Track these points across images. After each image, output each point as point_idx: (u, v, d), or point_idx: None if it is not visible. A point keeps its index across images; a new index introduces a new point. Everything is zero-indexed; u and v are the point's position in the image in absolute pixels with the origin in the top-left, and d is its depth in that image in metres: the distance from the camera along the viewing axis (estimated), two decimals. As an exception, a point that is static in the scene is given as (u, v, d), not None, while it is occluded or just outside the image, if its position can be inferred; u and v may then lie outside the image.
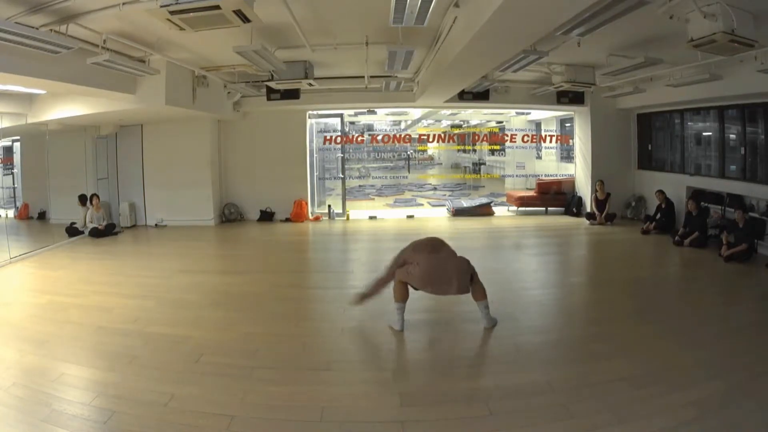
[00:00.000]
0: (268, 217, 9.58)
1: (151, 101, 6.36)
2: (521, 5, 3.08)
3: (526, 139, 10.64)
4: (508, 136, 11.07)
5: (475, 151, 14.94)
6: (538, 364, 3.33)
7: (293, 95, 7.72)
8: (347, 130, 10.59)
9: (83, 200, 8.10)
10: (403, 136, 11.40)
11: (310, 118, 9.76)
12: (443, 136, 11.78)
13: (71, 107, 7.02)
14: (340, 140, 9.99)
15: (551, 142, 10.76)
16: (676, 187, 7.89)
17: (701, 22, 3.81)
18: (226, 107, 8.59)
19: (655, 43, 5.33)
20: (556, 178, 10.34)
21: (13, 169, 9.25)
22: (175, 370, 3.20)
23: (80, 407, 2.69)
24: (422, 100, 8.35)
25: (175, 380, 3.03)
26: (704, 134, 7.98)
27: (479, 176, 15.05)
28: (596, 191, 8.85)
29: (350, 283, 5.48)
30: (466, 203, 10.33)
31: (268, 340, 3.69)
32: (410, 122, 13.91)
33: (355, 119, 12.29)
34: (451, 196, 13.07)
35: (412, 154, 12.66)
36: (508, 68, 5.96)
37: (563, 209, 9.95)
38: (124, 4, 3.75)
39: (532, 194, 10.29)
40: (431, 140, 11.74)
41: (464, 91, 8.03)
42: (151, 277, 5.57)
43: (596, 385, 2.91)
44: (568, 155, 10.66)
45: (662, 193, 7.84)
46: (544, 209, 10.06)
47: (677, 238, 6.88)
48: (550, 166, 11.07)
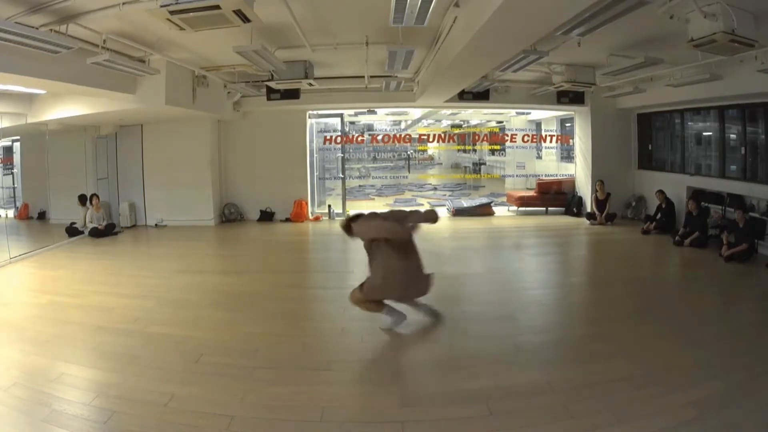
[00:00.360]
0: (268, 217, 9.58)
1: (151, 101, 6.36)
2: (521, 5, 3.08)
3: (526, 139, 10.64)
4: (508, 136, 11.06)
5: (475, 151, 14.94)
6: (538, 364, 3.33)
7: (293, 95, 7.72)
8: (347, 130, 10.59)
9: (83, 200, 8.10)
10: (403, 136, 11.39)
11: (310, 118, 9.77)
12: (443, 136, 11.78)
13: (71, 107, 7.02)
14: (340, 140, 9.99)
15: (551, 142, 10.75)
16: (676, 187, 7.89)
17: (701, 22, 3.81)
18: (226, 107, 8.59)
19: (655, 43, 5.33)
20: (556, 178, 10.34)
21: (13, 169, 9.25)
22: (175, 370, 3.20)
23: (80, 407, 2.69)
24: (422, 100, 8.35)
25: (175, 380, 3.03)
26: (704, 134, 7.98)
27: (479, 176, 15.05)
28: (596, 191, 8.84)
29: (350, 283, 5.45)
30: (466, 203, 10.33)
31: (268, 340, 3.70)
32: (410, 122, 13.90)
33: (355, 119, 12.29)
34: (451, 196, 13.06)
35: (412, 154, 12.65)
36: (508, 68, 5.96)
37: (563, 209, 9.94)
38: (124, 4, 3.74)
39: (532, 194, 10.28)
40: (431, 140, 11.73)
41: (464, 90, 8.02)
42: (151, 277, 5.57)
43: (596, 385, 2.91)
44: (568, 155, 10.66)
45: (662, 193, 7.84)
46: (544, 209, 10.06)
47: (677, 238, 6.88)
48: (550, 166, 11.06)
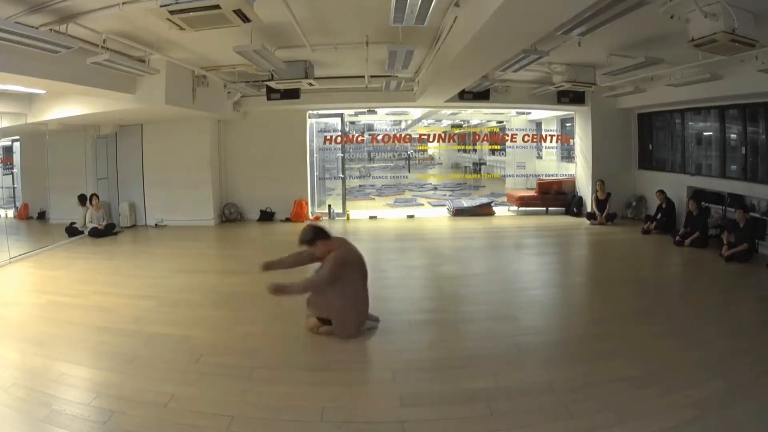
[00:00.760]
0: (268, 217, 9.57)
1: (150, 101, 6.35)
2: (521, 5, 3.07)
3: (526, 138, 10.63)
4: (508, 135, 11.07)
5: (475, 150, 14.96)
6: (538, 364, 3.33)
7: (293, 95, 7.72)
8: (347, 129, 10.58)
9: (83, 200, 8.09)
10: (403, 135, 11.38)
11: (310, 117, 9.76)
12: (443, 135, 11.78)
13: (71, 107, 7.01)
14: (340, 140, 9.99)
15: (552, 141, 10.75)
16: (676, 187, 7.88)
17: (702, 21, 3.80)
18: (226, 107, 8.58)
19: (655, 42, 5.32)
20: (556, 177, 10.33)
21: (12, 168, 9.26)
22: (175, 370, 3.19)
23: (80, 407, 2.68)
24: (422, 99, 8.34)
25: (175, 380, 3.02)
26: (705, 134, 7.97)
27: (479, 176, 15.07)
28: (597, 191, 8.84)
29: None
30: (466, 203, 10.32)
31: (268, 340, 3.69)
32: (410, 122, 13.91)
33: (355, 119, 12.28)
34: (451, 195, 13.07)
35: (412, 153, 12.65)
36: (508, 68, 5.95)
37: (564, 209, 9.93)
38: (123, 3, 3.73)
39: (532, 194, 10.27)
40: (431, 140, 11.74)
41: (464, 90, 8.02)
42: (151, 277, 5.56)
43: (597, 385, 2.91)
44: (568, 155, 10.65)
45: (663, 193, 7.83)
46: (544, 209, 10.05)
47: (678, 238, 6.87)
48: (550, 165, 11.07)
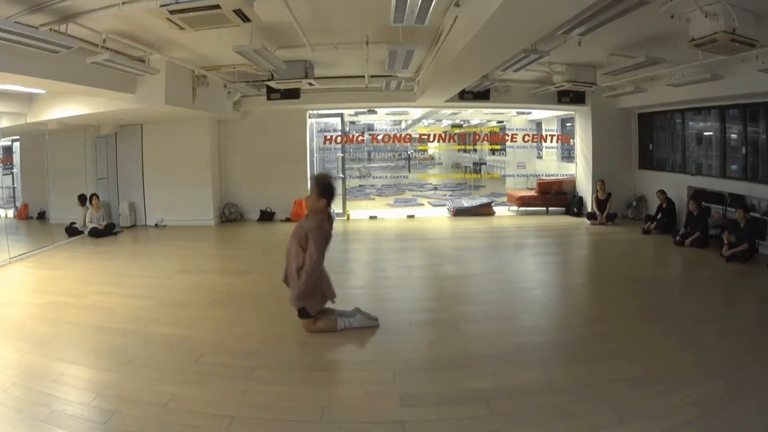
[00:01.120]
0: (268, 217, 9.57)
1: (150, 101, 6.35)
2: (522, 5, 3.06)
3: (526, 138, 10.63)
4: (508, 135, 11.06)
5: (475, 150, 14.96)
6: (538, 364, 3.32)
7: (293, 95, 7.72)
8: (347, 129, 10.58)
9: (83, 200, 8.09)
10: (403, 135, 11.38)
11: (310, 117, 9.76)
12: (444, 135, 11.78)
13: (71, 107, 7.01)
14: (340, 140, 9.99)
15: (552, 141, 10.75)
16: (677, 186, 7.88)
17: (702, 21, 3.80)
18: (226, 107, 8.58)
19: (656, 42, 5.32)
20: (556, 177, 10.33)
21: (12, 168, 9.26)
22: (175, 370, 3.19)
23: (80, 407, 2.68)
24: (423, 99, 8.34)
25: (175, 380, 3.02)
26: (705, 134, 7.97)
27: (480, 176, 15.06)
28: (597, 191, 8.83)
29: (351, 283, 5.47)
30: (466, 203, 10.32)
31: (268, 340, 3.68)
32: (411, 122, 13.92)
33: (355, 119, 12.28)
34: (451, 195, 13.06)
35: (412, 153, 12.65)
36: (508, 68, 5.95)
37: (564, 209, 9.93)
38: (123, 3, 3.73)
39: (532, 194, 10.27)
40: (432, 140, 11.73)
41: (465, 90, 8.01)
42: (150, 277, 5.56)
43: (597, 385, 2.90)
44: (568, 155, 10.65)
45: (663, 193, 7.83)
46: (544, 209, 10.05)
47: (678, 238, 6.87)
48: (550, 165, 11.05)
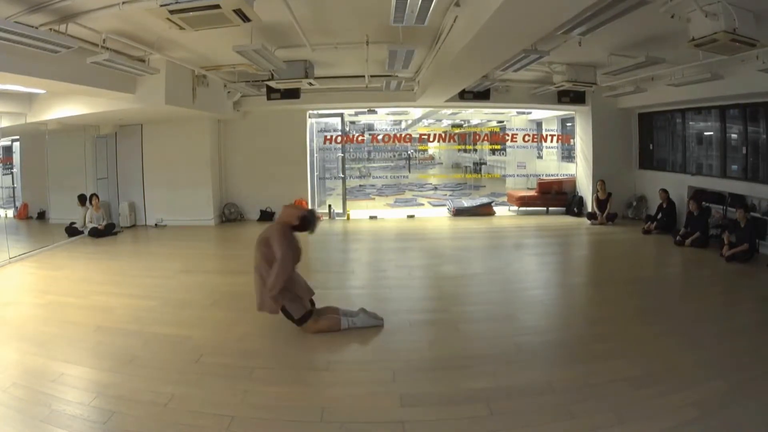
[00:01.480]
0: (268, 216, 9.56)
1: (150, 101, 6.35)
2: (522, 5, 3.06)
3: (527, 138, 10.63)
4: (508, 135, 11.06)
5: (475, 150, 14.96)
6: (538, 364, 3.32)
7: (293, 95, 7.72)
8: (347, 129, 10.57)
9: (83, 200, 8.09)
10: (403, 135, 11.38)
11: (310, 117, 9.75)
12: (444, 135, 11.77)
13: (71, 107, 7.01)
14: (340, 140, 9.98)
15: (552, 141, 10.74)
16: (677, 186, 7.87)
17: (703, 21, 3.80)
18: (226, 107, 8.58)
19: (656, 42, 5.31)
20: (557, 177, 10.32)
21: (12, 168, 9.25)
22: (175, 370, 3.19)
23: (80, 407, 2.68)
24: (423, 99, 8.33)
25: (175, 380, 3.02)
26: (706, 134, 7.97)
27: (480, 176, 15.06)
28: (597, 191, 8.83)
29: (351, 283, 5.47)
30: (466, 203, 10.31)
31: (268, 340, 3.69)
32: (411, 122, 13.91)
33: (355, 119, 12.28)
34: (451, 195, 13.07)
35: (412, 153, 12.65)
36: (508, 68, 5.95)
37: (564, 209, 9.92)
38: (123, 3, 3.73)
39: (533, 194, 10.26)
40: (432, 140, 11.73)
41: (465, 90, 8.01)
42: (150, 277, 5.56)
43: (597, 385, 2.90)
44: (569, 155, 10.64)
45: (665, 192, 7.81)
46: (545, 209, 10.04)
47: (678, 237, 6.86)
48: (551, 165, 11.04)
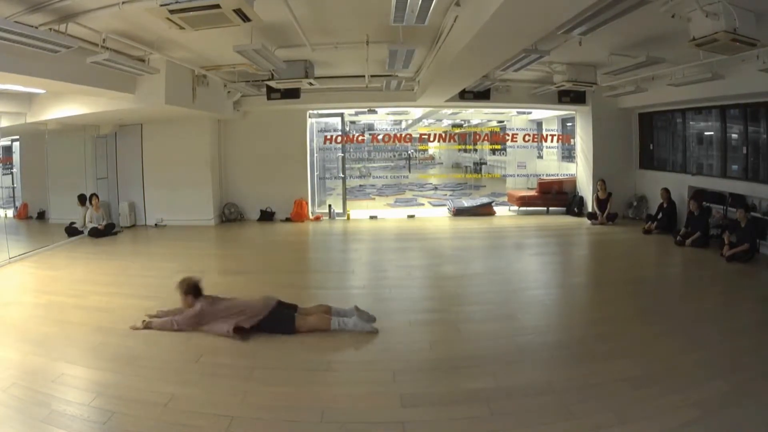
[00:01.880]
0: (268, 216, 9.56)
1: (150, 101, 6.35)
2: (522, 5, 3.06)
3: (527, 138, 10.62)
4: (509, 135, 11.05)
5: (476, 150, 14.95)
6: (539, 364, 3.32)
7: (293, 94, 7.71)
8: (348, 129, 10.57)
9: (82, 200, 8.08)
10: (403, 135, 11.38)
11: (310, 117, 9.75)
12: (444, 135, 11.76)
13: (70, 107, 7.00)
14: (340, 140, 9.98)
15: (552, 141, 10.73)
16: (677, 186, 7.86)
17: (703, 21, 3.79)
18: (226, 107, 8.57)
19: (656, 42, 5.31)
20: (557, 177, 10.32)
21: (12, 168, 9.24)
22: (175, 370, 3.19)
23: (80, 408, 2.67)
24: (423, 99, 8.33)
25: (175, 380, 3.02)
26: (706, 134, 7.96)
27: (480, 176, 15.05)
28: (598, 191, 8.82)
29: (351, 283, 5.47)
30: (467, 203, 10.31)
31: (268, 340, 3.67)
32: (411, 121, 13.90)
33: (355, 118, 12.28)
34: (452, 195, 13.06)
35: (412, 153, 12.64)
36: (509, 67, 5.94)
37: (564, 209, 9.92)
38: (123, 2, 3.73)
39: (533, 194, 10.26)
40: (432, 140, 11.72)
41: (465, 90, 8.01)
42: (150, 277, 5.55)
43: (597, 385, 2.90)
44: (569, 155, 10.63)
45: (667, 191, 7.79)
46: (545, 209, 10.03)
47: (679, 237, 6.85)
48: (551, 165, 11.03)
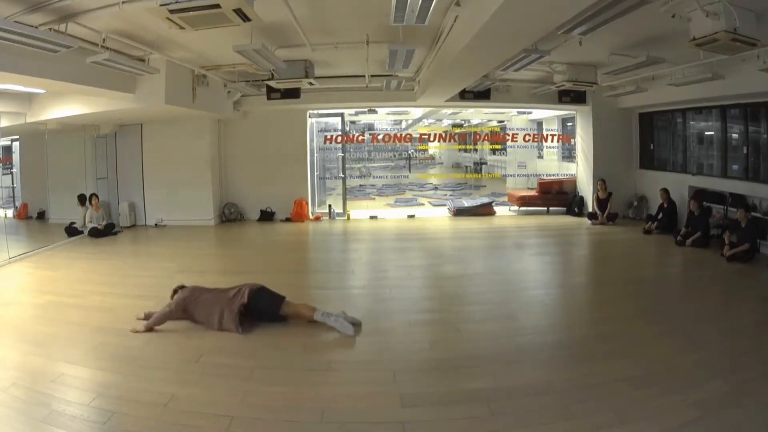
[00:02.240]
0: (268, 216, 9.56)
1: (150, 100, 6.35)
2: (522, 4, 3.06)
3: (527, 138, 10.62)
4: (509, 135, 11.06)
5: (476, 150, 14.93)
6: (539, 364, 3.32)
7: (294, 94, 7.71)
8: (348, 129, 10.57)
9: (82, 200, 8.08)
10: (403, 135, 11.37)
11: (310, 117, 9.75)
12: (444, 135, 11.75)
13: (70, 107, 7.00)
14: (340, 139, 9.97)
15: (553, 141, 10.73)
16: (678, 186, 7.86)
17: (703, 20, 3.79)
18: (226, 106, 8.57)
19: (657, 42, 5.31)
20: (557, 177, 10.31)
21: (12, 168, 9.24)
22: (175, 370, 3.19)
23: (80, 408, 2.67)
24: (423, 99, 8.33)
25: (175, 380, 3.02)
26: (706, 133, 7.96)
27: (480, 176, 15.04)
28: (598, 191, 8.82)
29: (351, 283, 5.47)
30: (467, 203, 10.30)
31: (268, 340, 3.68)
32: (411, 121, 13.89)
33: (355, 118, 12.26)
34: (452, 195, 13.05)
35: (413, 153, 12.62)
36: (509, 67, 5.94)
37: (565, 209, 9.91)
38: (123, 2, 3.73)
39: (533, 194, 10.25)
40: (432, 139, 11.71)
41: (465, 90, 8.00)
42: (150, 277, 5.56)
43: (598, 385, 2.90)
44: (569, 154, 10.63)
45: (666, 191, 7.79)
46: (545, 209, 10.03)
47: (679, 237, 6.85)
48: (551, 165, 11.02)
